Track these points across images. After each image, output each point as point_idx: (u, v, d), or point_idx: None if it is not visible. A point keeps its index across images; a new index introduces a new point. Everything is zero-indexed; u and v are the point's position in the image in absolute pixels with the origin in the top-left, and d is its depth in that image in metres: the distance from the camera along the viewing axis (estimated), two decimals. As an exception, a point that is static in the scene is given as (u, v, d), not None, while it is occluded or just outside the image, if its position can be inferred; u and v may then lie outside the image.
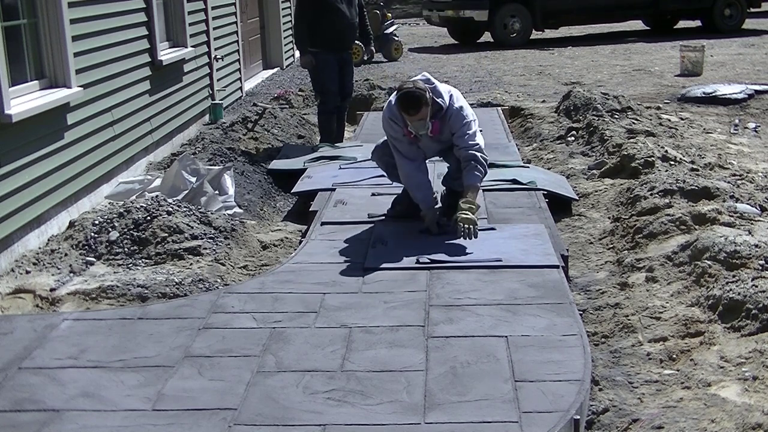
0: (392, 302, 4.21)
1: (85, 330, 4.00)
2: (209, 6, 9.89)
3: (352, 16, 7.91)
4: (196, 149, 8.06)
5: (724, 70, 12.95)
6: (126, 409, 3.25)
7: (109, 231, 5.44)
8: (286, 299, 4.30)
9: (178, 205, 5.75)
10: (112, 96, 6.89)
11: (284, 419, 3.15)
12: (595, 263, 5.23)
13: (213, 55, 10.03)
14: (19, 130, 5.31)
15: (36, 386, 3.46)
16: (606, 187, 6.59)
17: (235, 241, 5.58)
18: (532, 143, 8.71)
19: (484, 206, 5.76)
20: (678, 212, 5.28)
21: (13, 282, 4.95)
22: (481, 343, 3.72)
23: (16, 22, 5.71)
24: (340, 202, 5.97)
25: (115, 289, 4.74)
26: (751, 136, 8.79)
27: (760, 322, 3.80)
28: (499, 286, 4.39)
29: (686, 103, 10.37)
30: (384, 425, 3.10)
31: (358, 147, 7.79)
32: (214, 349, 3.75)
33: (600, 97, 9.24)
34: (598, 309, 4.50)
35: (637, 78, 12.62)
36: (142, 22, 7.69)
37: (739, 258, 4.44)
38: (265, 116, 9.21)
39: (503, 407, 3.18)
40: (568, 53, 16.02)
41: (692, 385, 3.50)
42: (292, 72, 14.49)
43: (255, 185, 7.01)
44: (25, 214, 5.39)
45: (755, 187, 6.04)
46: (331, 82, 7.97)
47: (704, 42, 13.40)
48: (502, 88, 11.96)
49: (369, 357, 3.63)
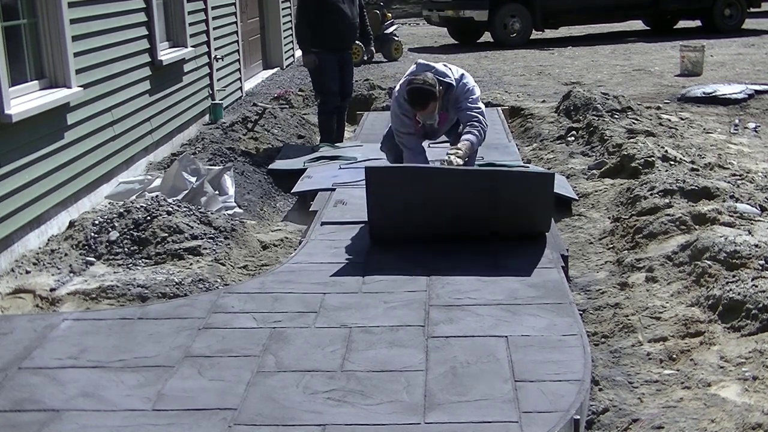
0: (392, 302, 4.21)
1: (85, 330, 4.00)
2: (209, 6, 9.89)
3: (353, 16, 7.92)
4: (196, 149, 8.07)
5: (724, 70, 12.95)
6: (126, 409, 3.25)
7: (109, 231, 5.44)
8: (286, 299, 4.30)
9: (178, 205, 5.75)
10: (112, 96, 6.90)
11: (284, 419, 3.15)
12: (595, 263, 5.23)
13: (213, 55, 10.03)
14: (19, 130, 5.32)
15: (36, 386, 3.46)
16: (606, 187, 6.59)
17: (235, 241, 5.58)
18: (532, 143, 8.71)
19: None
20: (678, 212, 5.28)
21: (13, 282, 4.96)
22: (481, 343, 3.72)
23: (16, 22, 5.72)
24: (340, 202, 5.97)
25: (115, 289, 4.74)
26: (751, 136, 8.79)
27: (760, 322, 3.80)
28: (499, 286, 4.39)
29: (686, 103, 10.37)
30: (384, 425, 3.10)
31: (358, 147, 7.80)
32: (214, 349, 3.75)
33: (600, 97, 9.23)
34: (598, 309, 4.50)
35: (637, 78, 12.63)
36: (142, 22, 7.70)
37: (739, 258, 4.44)
38: (265, 116, 9.21)
39: (503, 407, 3.18)
40: (568, 53, 16.02)
41: (692, 385, 3.50)
42: (292, 72, 14.49)
43: (255, 185, 7.01)
44: (25, 214, 5.39)
45: (755, 187, 6.04)
46: (331, 82, 7.97)
47: (704, 42, 13.40)
48: (502, 88, 11.96)
49: (369, 357, 3.63)
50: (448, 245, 5.02)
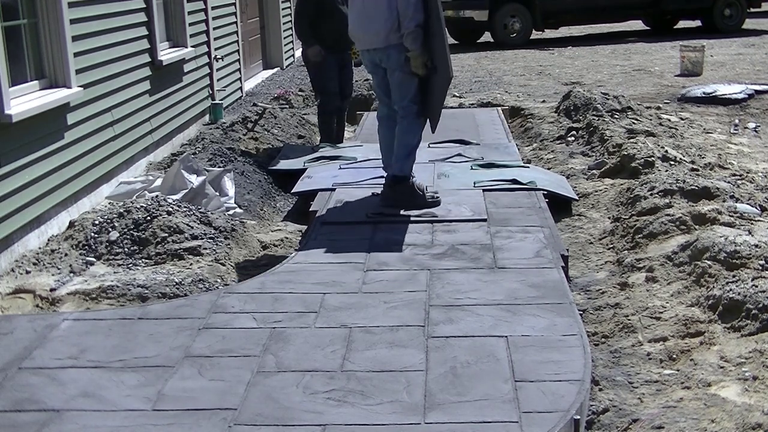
0: (392, 302, 4.22)
1: (85, 330, 4.00)
2: (209, 6, 9.89)
3: (352, 17, 7.90)
4: (196, 149, 8.07)
5: (724, 70, 12.95)
6: (126, 409, 3.25)
7: (109, 231, 5.44)
8: (286, 299, 4.30)
9: (178, 205, 5.75)
10: (112, 96, 6.90)
11: (284, 419, 3.15)
12: (595, 263, 5.23)
13: (213, 55, 10.03)
14: (19, 130, 5.31)
15: (36, 386, 3.46)
16: (606, 187, 6.59)
17: (235, 241, 5.58)
18: (532, 143, 8.71)
19: (485, 206, 5.76)
20: (678, 212, 5.28)
21: (13, 282, 4.96)
22: (481, 343, 3.72)
23: (16, 22, 5.71)
24: (340, 202, 5.97)
25: (115, 289, 4.74)
26: (751, 136, 8.79)
27: (760, 322, 3.80)
28: (499, 286, 4.40)
29: (686, 103, 10.37)
30: (384, 425, 3.10)
31: (358, 147, 7.79)
32: (214, 349, 3.76)
33: (600, 97, 9.23)
34: (598, 309, 4.50)
35: (637, 78, 12.62)
36: (142, 22, 7.69)
37: (739, 258, 4.44)
38: (265, 116, 9.21)
39: (503, 407, 3.18)
40: (568, 53, 16.02)
41: (692, 385, 3.50)
42: (292, 72, 14.49)
43: (255, 185, 7.01)
44: (25, 214, 5.39)
45: (755, 187, 6.04)
46: (331, 82, 7.96)
47: (704, 42, 13.39)
48: (502, 88, 11.96)
49: (369, 357, 3.63)
50: (449, 245, 5.03)
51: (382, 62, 5.72)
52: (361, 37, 5.81)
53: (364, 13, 5.68)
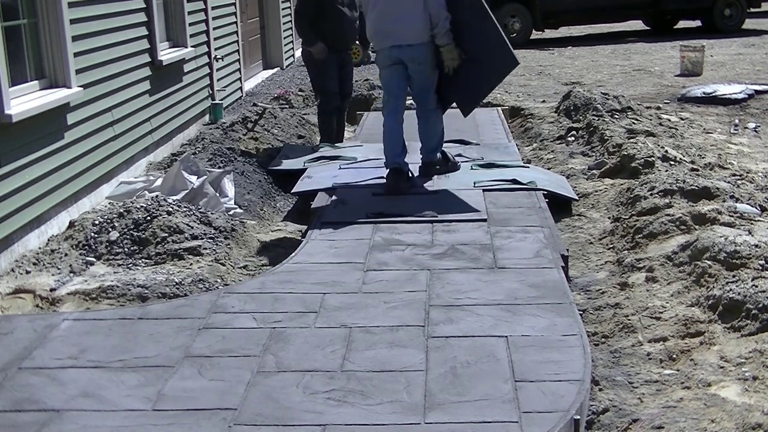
0: (392, 302, 4.22)
1: (85, 330, 4.00)
2: (209, 6, 9.89)
3: (352, 17, 7.90)
4: (196, 149, 8.07)
5: (724, 70, 12.95)
6: (126, 409, 3.26)
7: (109, 231, 5.44)
8: (286, 299, 4.30)
9: (178, 205, 5.75)
10: (112, 96, 6.90)
11: (284, 419, 3.15)
12: (595, 263, 5.23)
13: (213, 55, 10.03)
14: (19, 130, 5.31)
15: (36, 386, 3.46)
16: (606, 187, 6.59)
17: (235, 241, 5.58)
18: (532, 143, 8.71)
19: (485, 206, 5.76)
20: (678, 212, 5.28)
21: (13, 282, 4.96)
22: (481, 343, 3.72)
23: (16, 22, 5.71)
24: (340, 202, 5.97)
25: (115, 289, 4.74)
26: (751, 136, 8.79)
27: (760, 322, 3.80)
28: (499, 286, 4.40)
29: (686, 103, 10.37)
30: (384, 425, 3.10)
31: (358, 147, 7.79)
32: (214, 349, 3.76)
33: (600, 97, 9.23)
34: (598, 309, 4.50)
35: (637, 78, 12.63)
36: (142, 22, 7.69)
37: (739, 258, 4.44)
38: (265, 116, 9.21)
39: (503, 407, 3.18)
40: (568, 53, 16.02)
41: (692, 385, 3.50)
42: (292, 72, 14.49)
43: (255, 185, 7.01)
44: (25, 214, 5.39)
45: (755, 187, 6.04)
46: (331, 82, 7.95)
47: (704, 42, 13.39)
48: (502, 88, 11.92)
49: (369, 357, 3.63)
50: (449, 245, 5.03)
51: (413, 58, 6.12)
52: (392, 32, 6.10)
53: (395, 11, 6.05)
